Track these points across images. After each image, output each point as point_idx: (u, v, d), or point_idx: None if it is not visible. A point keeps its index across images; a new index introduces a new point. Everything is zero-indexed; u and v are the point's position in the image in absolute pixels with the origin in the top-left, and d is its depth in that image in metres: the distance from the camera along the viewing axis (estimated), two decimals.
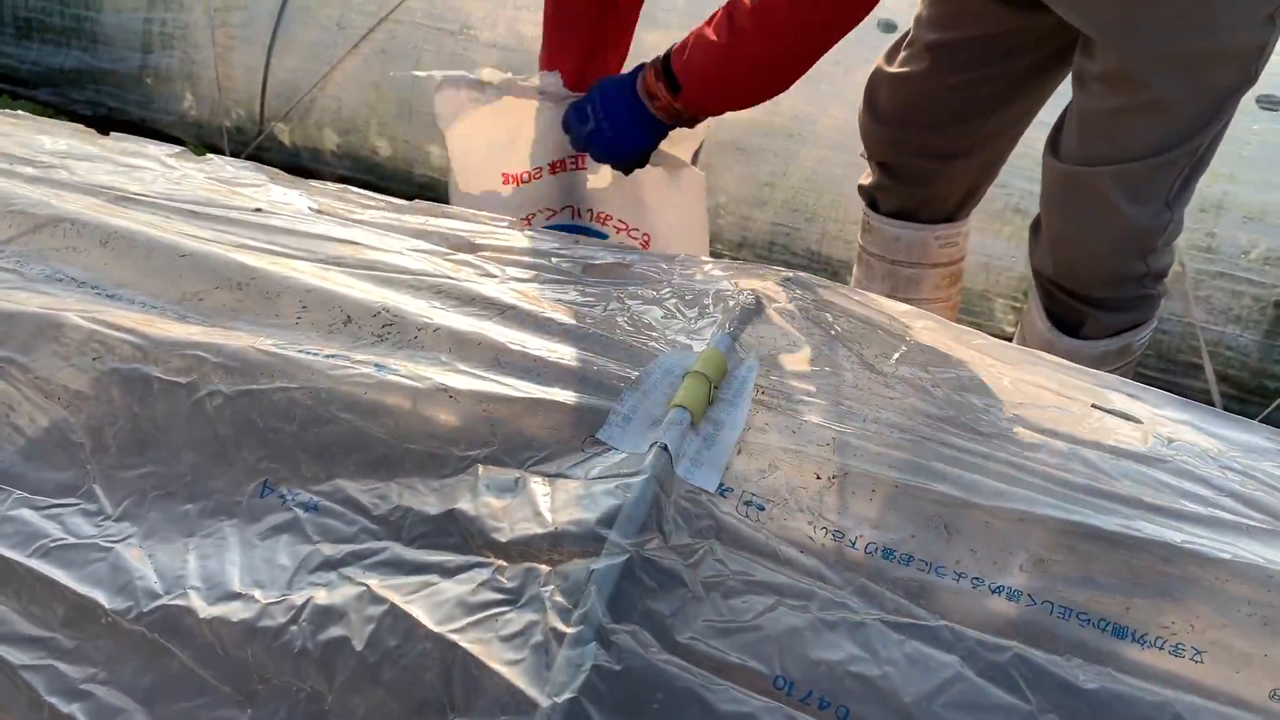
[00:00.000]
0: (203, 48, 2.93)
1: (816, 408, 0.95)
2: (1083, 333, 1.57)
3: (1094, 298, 1.55)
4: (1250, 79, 1.43)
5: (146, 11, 3.03)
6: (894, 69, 1.70)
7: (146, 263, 1.11)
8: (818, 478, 0.89)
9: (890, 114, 1.71)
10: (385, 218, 1.35)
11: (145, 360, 1.00)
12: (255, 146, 2.93)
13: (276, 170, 1.52)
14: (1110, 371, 1.26)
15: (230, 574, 0.87)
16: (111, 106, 3.09)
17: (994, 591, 0.83)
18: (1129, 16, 1.38)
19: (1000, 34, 1.59)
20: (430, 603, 0.83)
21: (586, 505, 0.86)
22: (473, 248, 1.27)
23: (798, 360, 1.01)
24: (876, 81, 1.73)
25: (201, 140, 2.98)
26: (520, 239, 1.32)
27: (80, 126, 1.60)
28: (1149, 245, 1.51)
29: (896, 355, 1.05)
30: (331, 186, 1.48)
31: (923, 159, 1.72)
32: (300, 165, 2.85)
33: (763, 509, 0.88)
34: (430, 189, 2.75)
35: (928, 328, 1.12)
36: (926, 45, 1.65)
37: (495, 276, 1.18)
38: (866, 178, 1.82)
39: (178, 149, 1.54)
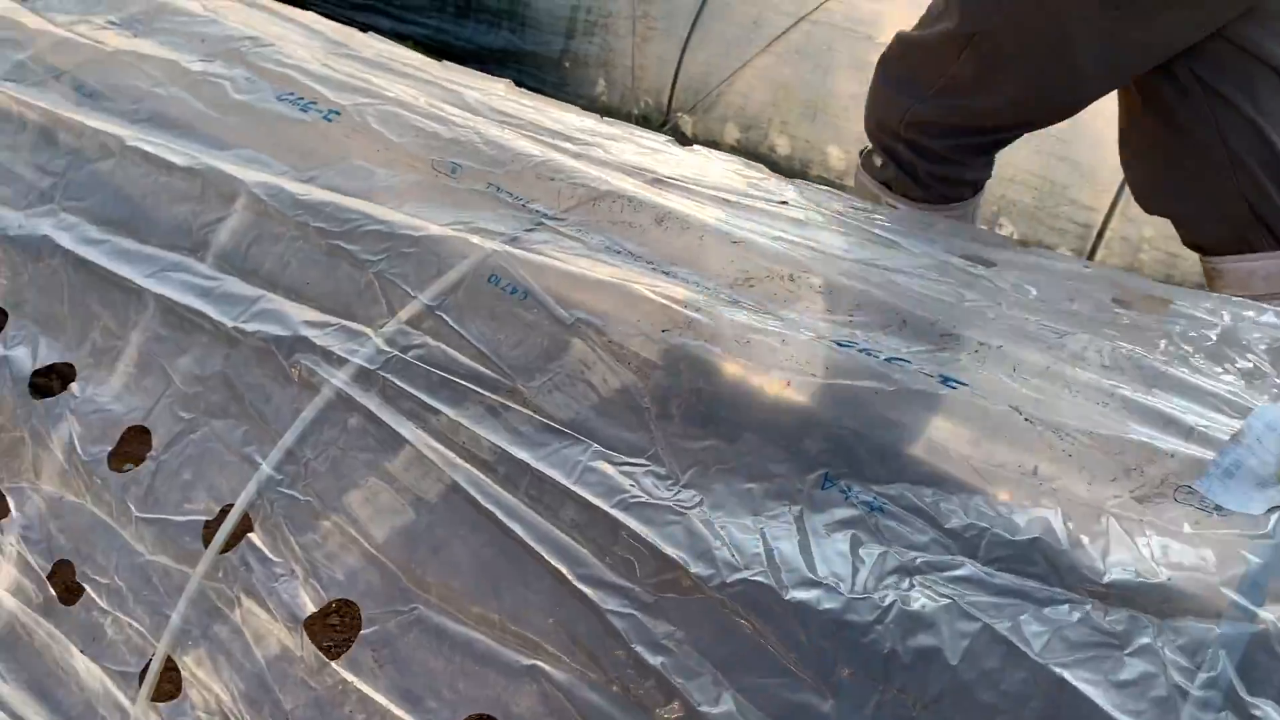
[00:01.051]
0: (622, 37, 3.09)
1: None
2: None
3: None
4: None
5: None
6: None
7: (700, 245, 1.16)
8: None
9: None
10: (862, 219, 1.35)
11: (710, 340, 1.04)
12: None
13: (760, 164, 1.56)
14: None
15: (806, 561, 0.89)
16: (529, 87, 3.32)
17: None
18: None
19: None
20: (1027, 630, 0.80)
21: (1197, 562, 0.81)
22: (987, 263, 1.25)
23: None
24: None
25: None
26: (1035, 259, 1.27)
27: (575, 108, 1.71)
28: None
29: None
30: (802, 182, 1.49)
31: None
32: None
33: None
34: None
35: None
36: None
37: (1020, 299, 1.14)
38: None
39: (665, 136, 1.62)
